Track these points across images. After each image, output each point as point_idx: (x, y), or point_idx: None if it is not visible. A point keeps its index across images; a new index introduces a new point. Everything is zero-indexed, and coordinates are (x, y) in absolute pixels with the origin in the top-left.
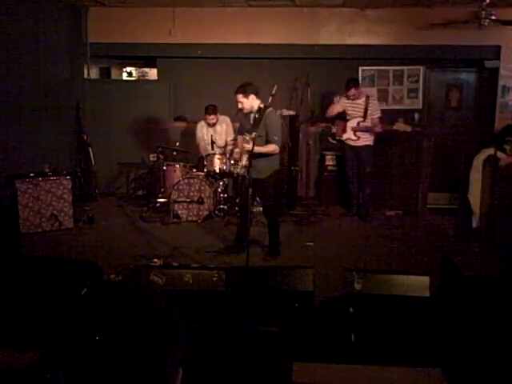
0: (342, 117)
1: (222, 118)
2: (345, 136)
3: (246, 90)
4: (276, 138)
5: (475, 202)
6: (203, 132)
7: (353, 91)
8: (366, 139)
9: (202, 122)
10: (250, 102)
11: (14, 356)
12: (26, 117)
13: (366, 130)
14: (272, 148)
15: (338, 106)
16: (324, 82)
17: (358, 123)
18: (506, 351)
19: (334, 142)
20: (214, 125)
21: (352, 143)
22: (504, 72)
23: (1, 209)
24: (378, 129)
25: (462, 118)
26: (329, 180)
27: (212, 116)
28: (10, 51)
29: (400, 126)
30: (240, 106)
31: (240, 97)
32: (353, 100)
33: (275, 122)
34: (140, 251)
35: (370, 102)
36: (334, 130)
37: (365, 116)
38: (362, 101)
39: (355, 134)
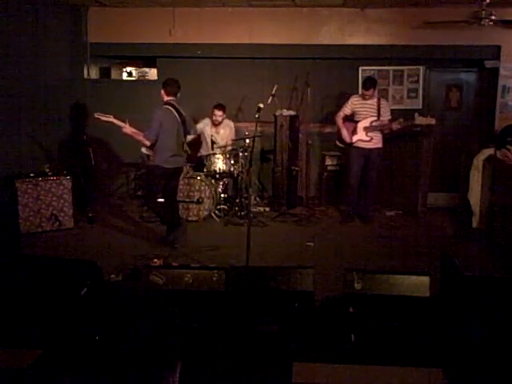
0: (350, 119)
1: (227, 121)
2: (355, 138)
3: (163, 83)
4: (148, 129)
5: (475, 202)
6: (206, 131)
7: (371, 91)
8: (378, 141)
9: (207, 120)
10: (161, 95)
11: (14, 356)
12: (26, 117)
13: (381, 129)
14: (140, 135)
15: (347, 108)
16: (324, 81)
17: (371, 123)
18: (505, 351)
19: (342, 145)
20: (219, 124)
21: (363, 145)
22: (504, 72)
23: (1, 209)
24: (396, 125)
25: (462, 118)
26: (329, 180)
27: (220, 112)
28: (10, 51)
29: (422, 119)
30: None
31: None
32: (366, 100)
33: (153, 116)
34: (140, 251)
35: (382, 102)
36: (343, 133)
37: (378, 116)
38: (373, 101)
39: (367, 135)
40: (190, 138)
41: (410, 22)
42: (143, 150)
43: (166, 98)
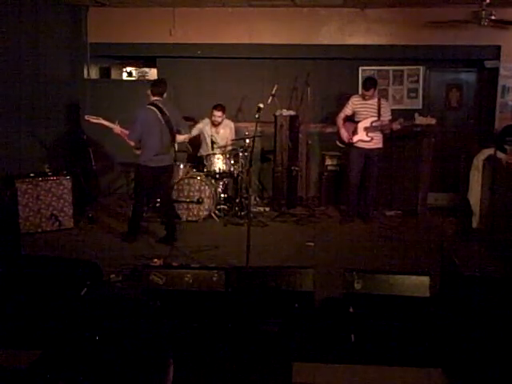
0: (351, 119)
1: (227, 121)
2: (355, 138)
3: (150, 84)
4: (130, 130)
5: (475, 202)
6: (207, 131)
7: (371, 91)
8: (378, 141)
9: (207, 120)
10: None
11: (14, 356)
12: (26, 117)
13: (381, 129)
14: (124, 133)
15: (348, 108)
16: (324, 82)
17: (372, 123)
18: (506, 351)
19: (343, 145)
20: (218, 124)
21: (363, 145)
22: (504, 72)
23: (1, 209)
24: (396, 126)
25: (462, 118)
26: (329, 180)
27: (220, 113)
28: (10, 51)
29: (422, 119)
30: None
31: None
32: (366, 100)
33: (134, 117)
34: (140, 251)
35: (382, 103)
36: (342, 133)
37: (378, 116)
38: (373, 101)
39: (368, 135)
40: (182, 137)
41: (410, 21)
42: (134, 151)
43: (151, 98)
